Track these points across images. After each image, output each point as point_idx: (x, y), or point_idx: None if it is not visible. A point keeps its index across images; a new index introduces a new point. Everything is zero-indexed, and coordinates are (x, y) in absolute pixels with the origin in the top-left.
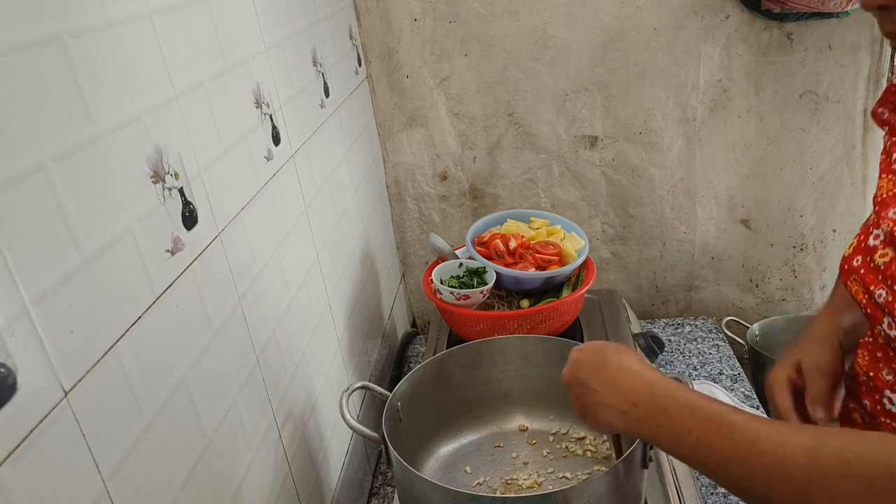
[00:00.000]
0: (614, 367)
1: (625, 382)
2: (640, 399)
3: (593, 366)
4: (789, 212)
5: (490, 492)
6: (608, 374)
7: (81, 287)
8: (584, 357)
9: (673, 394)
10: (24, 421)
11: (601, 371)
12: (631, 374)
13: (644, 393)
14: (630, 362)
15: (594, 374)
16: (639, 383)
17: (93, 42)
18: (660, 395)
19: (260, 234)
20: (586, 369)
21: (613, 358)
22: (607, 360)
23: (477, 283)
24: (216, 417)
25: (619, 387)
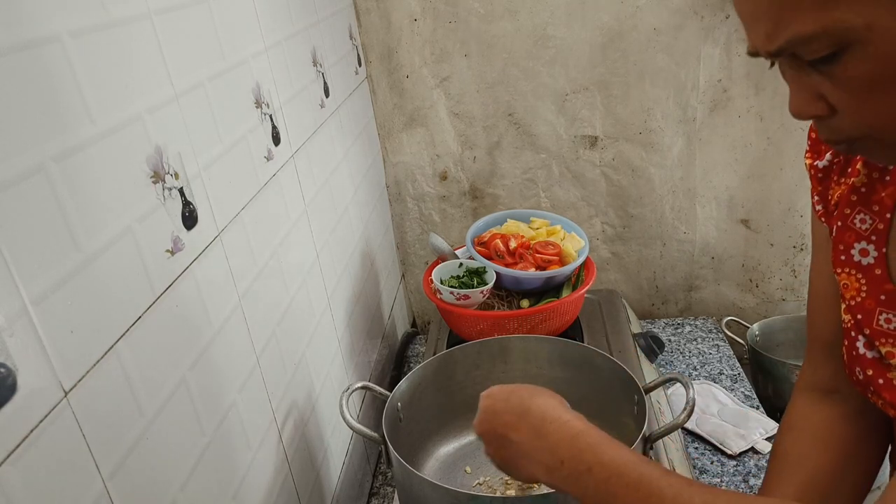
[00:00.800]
0: (536, 414)
1: (550, 434)
2: (566, 454)
3: (511, 414)
4: (789, 212)
5: (490, 492)
6: (531, 422)
7: (81, 287)
8: (498, 406)
9: (597, 449)
10: (24, 421)
11: (522, 420)
12: (556, 423)
13: (570, 448)
14: (552, 408)
15: (513, 424)
16: (564, 436)
17: (93, 42)
18: (585, 451)
19: (260, 234)
20: (503, 420)
21: (533, 404)
22: (527, 408)
23: (477, 283)
24: (216, 417)
25: (543, 438)
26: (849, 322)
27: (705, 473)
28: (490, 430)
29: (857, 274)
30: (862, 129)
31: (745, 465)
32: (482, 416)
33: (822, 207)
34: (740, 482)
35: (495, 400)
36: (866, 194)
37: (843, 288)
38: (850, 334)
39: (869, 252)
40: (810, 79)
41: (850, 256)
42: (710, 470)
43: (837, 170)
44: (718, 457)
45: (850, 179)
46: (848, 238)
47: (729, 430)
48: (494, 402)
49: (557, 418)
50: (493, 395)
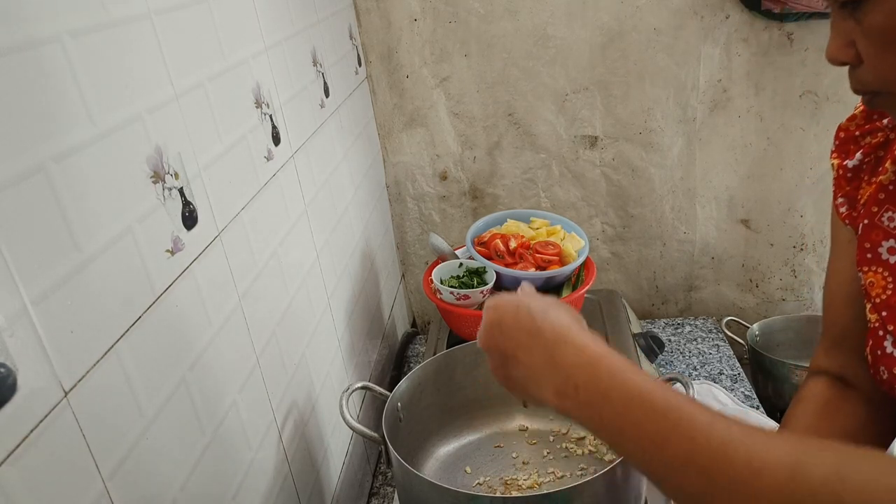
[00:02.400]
0: (549, 335)
1: (564, 357)
2: (581, 380)
3: (521, 332)
4: (789, 212)
5: (490, 492)
6: (543, 343)
7: (81, 287)
8: (506, 321)
9: (620, 376)
10: (25, 421)
11: (534, 340)
12: (570, 345)
13: (586, 372)
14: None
15: (524, 344)
16: (581, 360)
17: (93, 42)
18: (604, 376)
19: (260, 234)
20: (511, 338)
21: (545, 324)
22: (538, 327)
23: (477, 283)
24: (216, 417)
25: (557, 362)
26: (875, 322)
27: None
28: (495, 346)
29: (883, 272)
30: (881, 83)
31: None
32: (487, 332)
33: (846, 209)
34: None
35: (502, 313)
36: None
37: (869, 286)
38: (878, 334)
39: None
40: (846, 24)
41: (878, 254)
42: None
43: (868, 169)
44: None
45: (879, 178)
46: (875, 236)
47: None
48: (501, 317)
49: (573, 341)
50: (498, 308)
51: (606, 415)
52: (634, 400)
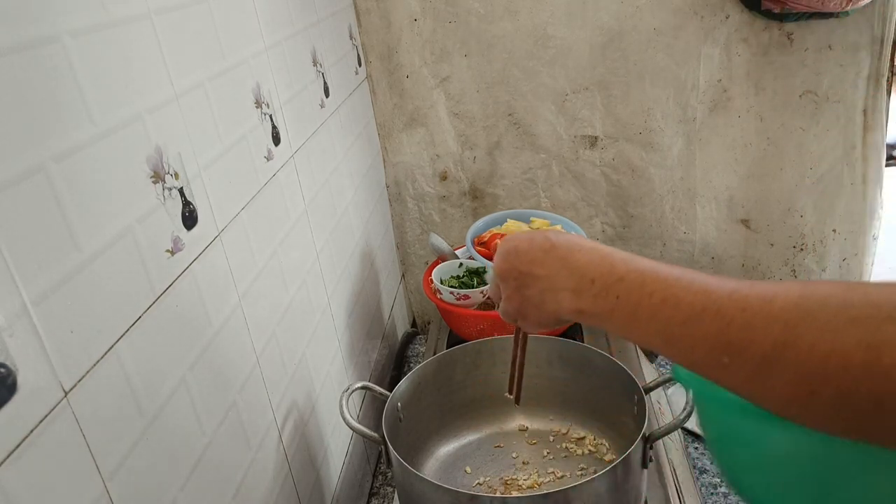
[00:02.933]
0: (563, 247)
1: (578, 259)
2: (597, 272)
3: (537, 250)
4: (789, 212)
5: (490, 492)
6: (557, 254)
7: (81, 287)
8: (522, 245)
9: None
10: (24, 421)
11: (548, 254)
12: (584, 250)
13: (601, 266)
14: (577, 240)
15: (539, 259)
16: (594, 257)
17: (93, 42)
18: (617, 264)
19: (260, 234)
20: (527, 256)
21: (560, 239)
22: (553, 243)
23: (477, 283)
24: (216, 417)
25: (572, 266)
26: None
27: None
28: (512, 268)
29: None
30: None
31: None
32: (504, 257)
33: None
34: None
35: (519, 240)
36: None
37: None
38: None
39: None
40: None
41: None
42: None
43: None
44: None
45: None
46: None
47: None
48: (518, 242)
49: (584, 246)
50: (515, 237)
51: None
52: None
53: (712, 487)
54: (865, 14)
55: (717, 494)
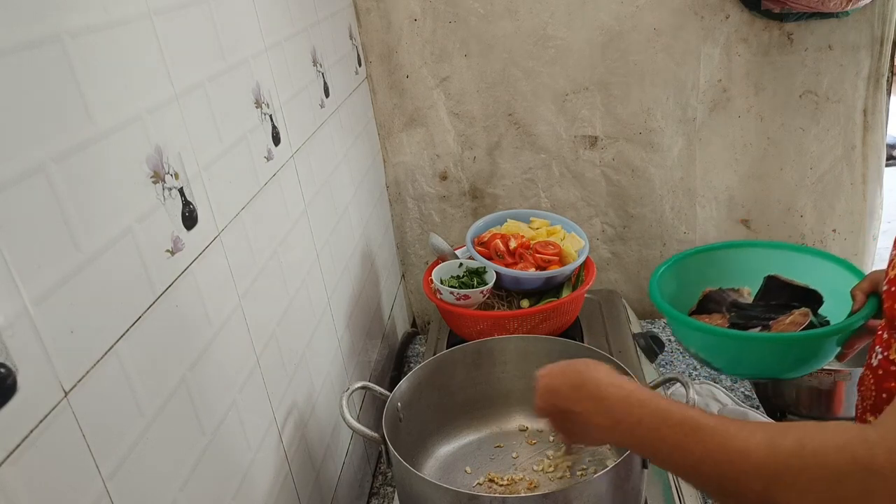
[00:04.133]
0: (592, 385)
1: (606, 398)
2: (621, 414)
3: (569, 388)
4: (789, 212)
5: (490, 492)
6: (588, 392)
7: (81, 287)
8: (556, 383)
9: (647, 404)
10: (24, 421)
11: (580, 392)
12: (610, 387)
13: (622, 407)
14: (605, 376)
15: (574, 397)
16: (619, 397)
17: (93, 42)
18: (635, 405)
19: (260, 235)
20: (563, 395)
21: (587, 375)
22: (583, 380)
23: (477, 283)
24: (216, 417)
25: (601, 404)
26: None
27: None
28: (552, 406)
29: None
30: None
31: None
32: (542, 395)
33: None
34: None
35: (551, 378)
36: None
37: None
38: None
39: None
40: None
41: None
42: None
43: None
44: None
45: None
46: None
47: None
48: (552, 381)
49: (611, 383)
50: (548, 374)
51: (644, 437)
52: (660, 422)
53: None
54: (865, 14)
55: None
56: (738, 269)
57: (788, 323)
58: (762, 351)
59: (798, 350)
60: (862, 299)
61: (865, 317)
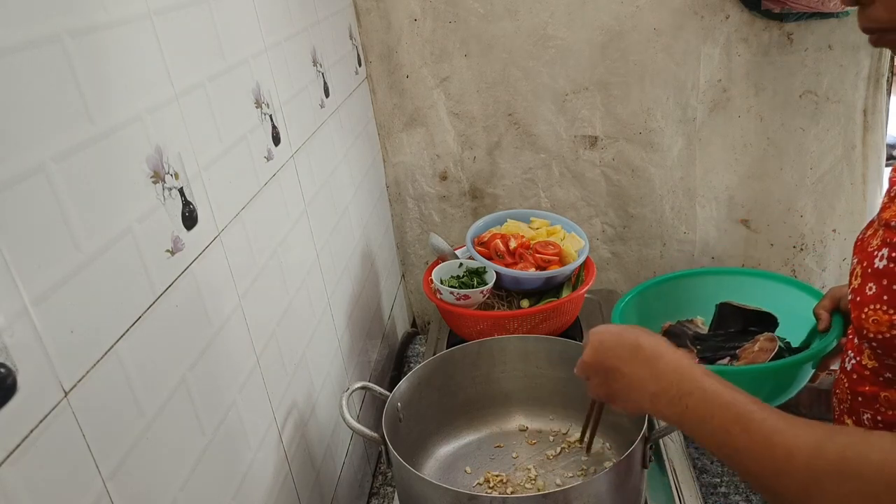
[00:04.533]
0: (648, 350)
1: (659, 366)
2: (668, 383)
3: (624, 349)
4: (789, 212)
5: (490, 492)
6: (643, 356)
7: (81, 287)
8: (610, 341)
9: (699, 379)
10: (24, 421)
11: (635, 354)
12: (665, 357)
13: (674, 377)
14: (662, 345)
15: (626, 358)
16: (674, 367)
17: (93, 42)
18: (687, 378)
19: (260, 235)
20: (615, 353)
21: (645, 341)
22: (639, 344)
23: (477, 283)
24: (216, 417)
25: (655, 371)
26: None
27: (705, 473)
28: (600, 362)
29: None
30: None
31: None
32: (593, 350)
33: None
34: (740, 482)
35: (606, 335)
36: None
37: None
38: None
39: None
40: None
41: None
42: (710, 470)
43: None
44: None
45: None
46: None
47: None
48: (607, 337)
49: (667, 352)
50: (603, 331)
51: (689, 408)
52: (709, 398)
53: (712, 487)
54: None
55: (717, 494)
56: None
57: (758, 350)
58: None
59: (777, 379)
60: (827, 318)
61: (838, 337)
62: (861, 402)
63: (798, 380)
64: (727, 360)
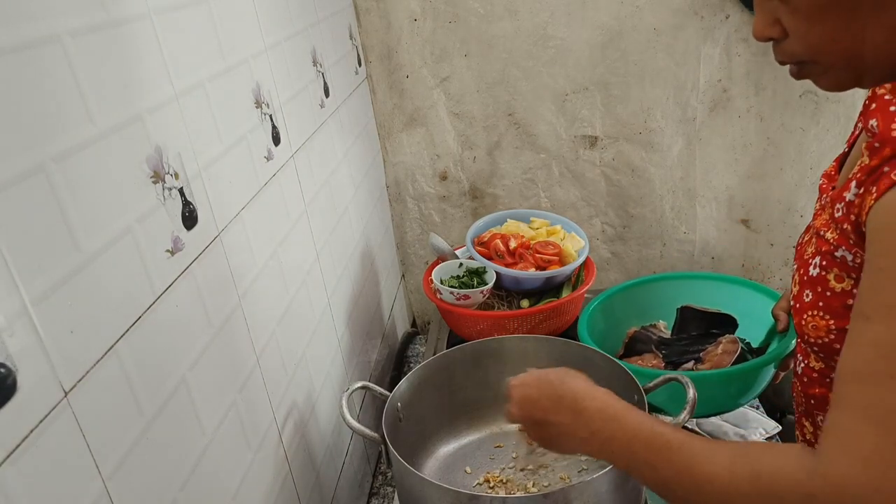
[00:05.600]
0: (569, 397)
1: (583, 413)
2: (596, 427)
3: (547, 400)
4: (789, 212)
5: (490, 492)
6: (566, 405)
7: (81, 287)
8: (532, 393)
9: (621, 418)
10: (24, 421)
11: (558, 404)
12: (586, 402)
13: (598, 422)
14: (581, 388)
15: (552, 408)
16: (594, 412)
17: (92, 42)
18: (610, 419)
19: (260, 235)
20: (539, 406)
21: (565, 388)
22: (559, 393)
23: (477, 283)
24: (216, 417)
25: (579, 418)
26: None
27: None
28: (528, 416)
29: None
30: (807, 53)
31: None
32: (519, 406)
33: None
34: None
35: (527, 388)
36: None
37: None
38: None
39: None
40: (771, 4)
41: None
42: None
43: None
44: None
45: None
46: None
47: (729, 430)
48: (527, 391)
49: (587, 396)
50: (524, 384)
51: (616, 451)
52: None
53: None
54: None
55: None
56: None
57: (721, 353)
58: (711, 388)
59: (742, 381)
60: (785, 319)
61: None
62: (814, 404)
63: (761, 380)
64: (692, 364)
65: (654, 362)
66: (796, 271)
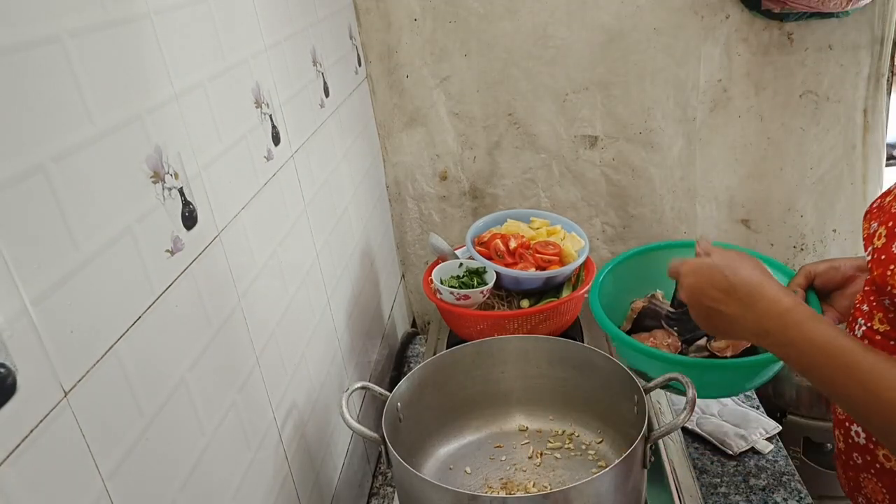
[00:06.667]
0: (742, 290)
1: (758, 308)
2: (772, 327)
3: (717, 290)
4: (789, 212)
5: (490, 492)
6: (738, 297)
7: (81, 287)
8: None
9: (803, 327)
10: (24, 421)
11: (729, 296)
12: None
13: (777, 322)
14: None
15: (722, 299)
16: (772, 311)
17: (92, 42)
18: (790, 325)
19: (260, 234)
20: (709, 296)
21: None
22: (732, 284)
23: (477, 283)
24: (216, 417)
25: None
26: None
27: (705, 473)
28: (697, 303)
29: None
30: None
31: (746, 465)
32: (689, 293)
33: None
34: (740, 482)
35: (698, 277)
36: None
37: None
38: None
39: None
40: None
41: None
42: (710, 470)
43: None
44: (718, 457)
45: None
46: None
47: (729, 430)
48: (697, 279)
49: (764, 294)
50: (694, 272)
51: (793, 356)
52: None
53: (712, 487)
54: (865, 14)
55: (717, 494)
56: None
57: None
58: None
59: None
60: (803, 295)
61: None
62: None
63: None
64: (704, 341)
65: (669, 340)
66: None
